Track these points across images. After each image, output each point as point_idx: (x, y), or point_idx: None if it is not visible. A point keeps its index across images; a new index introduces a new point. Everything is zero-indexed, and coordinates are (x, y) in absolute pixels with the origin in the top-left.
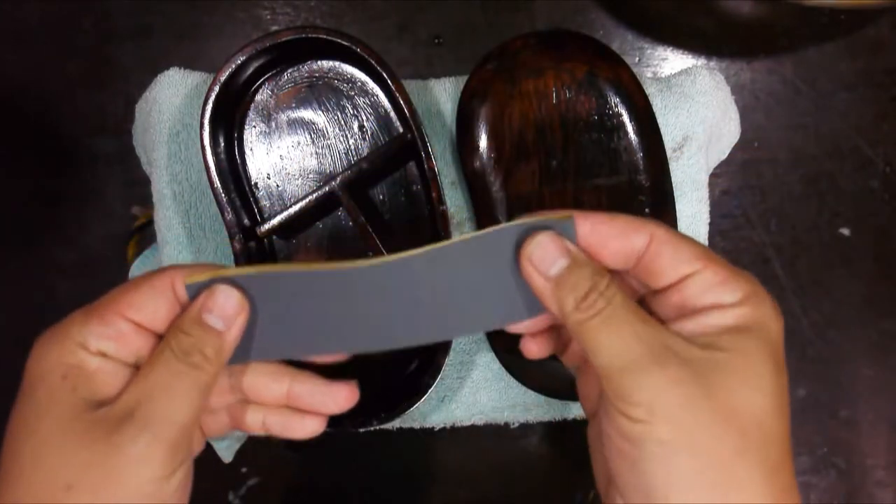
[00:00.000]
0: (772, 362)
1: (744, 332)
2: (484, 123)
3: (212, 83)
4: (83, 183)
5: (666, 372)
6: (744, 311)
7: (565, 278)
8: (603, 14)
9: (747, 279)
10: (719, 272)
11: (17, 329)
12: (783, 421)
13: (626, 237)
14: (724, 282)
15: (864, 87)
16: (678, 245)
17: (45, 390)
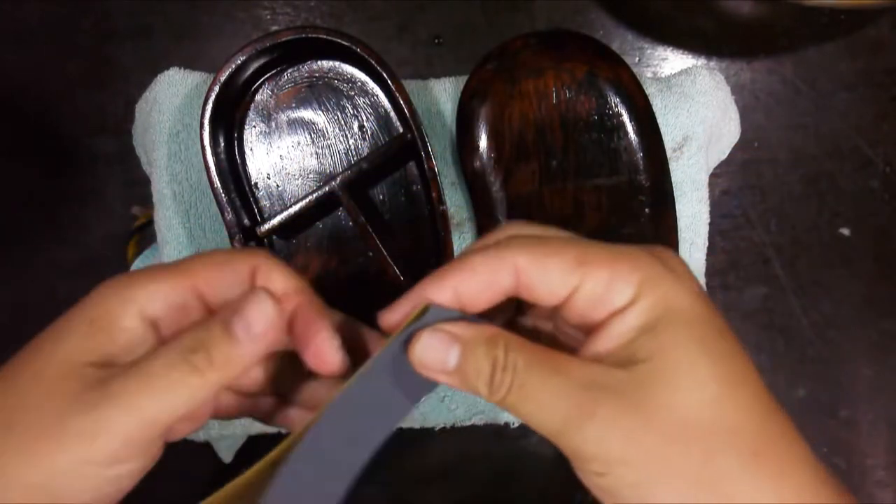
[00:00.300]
0: (697, 344)
1: (653, 328)
2: (484, 123)
3: (212, 83)
4: (83, 183)
5: (597, 418)
6: (643, 306)
7: (465, 368)
8: (603, 14)
9: (632, 263)
10: (598, 275)
11: (17, 329)
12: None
13: (491, 285)
14: (609, 284)
15: (864, 87)
16: (544, 264)
17: (63, 328)
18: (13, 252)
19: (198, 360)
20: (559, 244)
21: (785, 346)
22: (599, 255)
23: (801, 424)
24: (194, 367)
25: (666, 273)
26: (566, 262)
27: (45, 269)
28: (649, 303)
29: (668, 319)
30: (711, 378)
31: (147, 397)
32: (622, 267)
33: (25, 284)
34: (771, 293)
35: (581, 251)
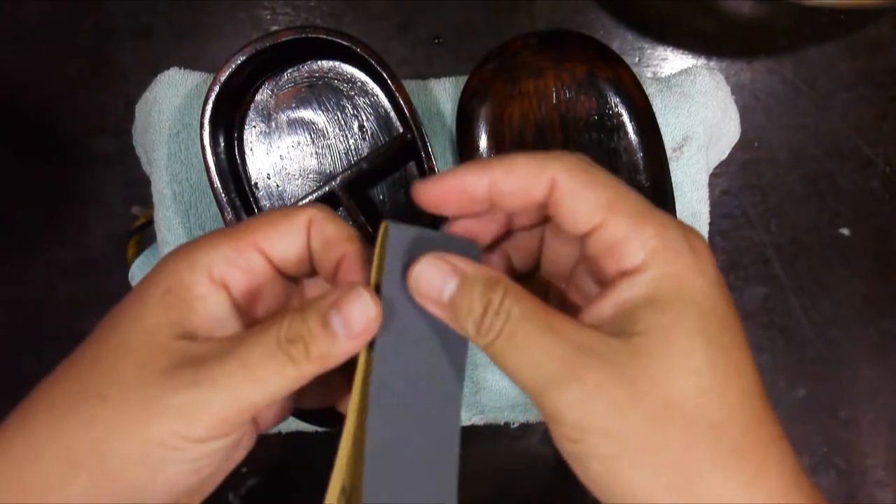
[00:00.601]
0: (699, 331)
1: (658, 303)
2: (484, 123)
3: (212, 83)
4: (83, 183)
5: (584, 383)
6: (653, 275)
7: (458, 302)
8: (603, 14)
9: (657, 229)
10: (621, 224)
11: (17, 329)
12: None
13: (526, 189)
14: (627, 238)
15: (864, 87)
16: (577, 190)
17: (141, 299)
18: (13, 252)
19: (296, 352)
20: (602, 180)
21: (785, 346)
22: (631, 207)
23: (801, 424)
24: (291, 359)
25: (686, 251)
26: (598, 198)
27: (45, 269)
28: (660, 273)
29: (676, 297)
30: (706, 367)
31: (246, 383)
32: (645, 227)
33: (25, 284)
34: (771, 293)
35: (618, 196)
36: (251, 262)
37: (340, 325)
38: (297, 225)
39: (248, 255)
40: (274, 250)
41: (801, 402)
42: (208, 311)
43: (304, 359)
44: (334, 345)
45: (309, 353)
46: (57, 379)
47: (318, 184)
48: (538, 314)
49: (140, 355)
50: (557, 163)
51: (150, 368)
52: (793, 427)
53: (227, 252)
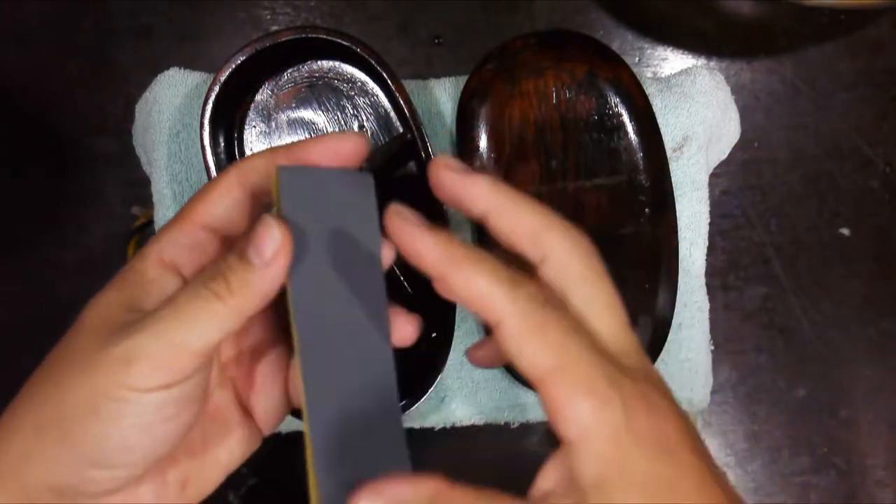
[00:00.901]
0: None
1: (604, 491)
2: (484, 123)
3: (212, 83)
4: (83, 183)
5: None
6: (594, 454)
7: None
8: (603, 14)
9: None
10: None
11: (17, 328)
12: None
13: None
14: (563, 408)
15: (864, 87)
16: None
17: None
18: (13, 252)
19: (217, 286)
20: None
21: (785, 346)
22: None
23: (801, 424)
24: (214, 293)
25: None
26: (538, 360)
27: (45, 269)
28: (598, 454)
29: (623, 485)
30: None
31: (173, 322)
32: (582, 402)
33: (25, 284)
34: (771, 293)
35: (562, 362)
36: (196, 239)
37: (253, 254)
38: (225, 185)
39: (191, 232)
40: (214, 219)
41: (801, 402)
42: (161, 291)
43: (227, 292)
44: (251, 273)
45: (230, 286)
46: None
47: None
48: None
49: (92, 327)
50: (509, 306)
51: (96, 336)
52: (793, 427)
53: (171, 235)
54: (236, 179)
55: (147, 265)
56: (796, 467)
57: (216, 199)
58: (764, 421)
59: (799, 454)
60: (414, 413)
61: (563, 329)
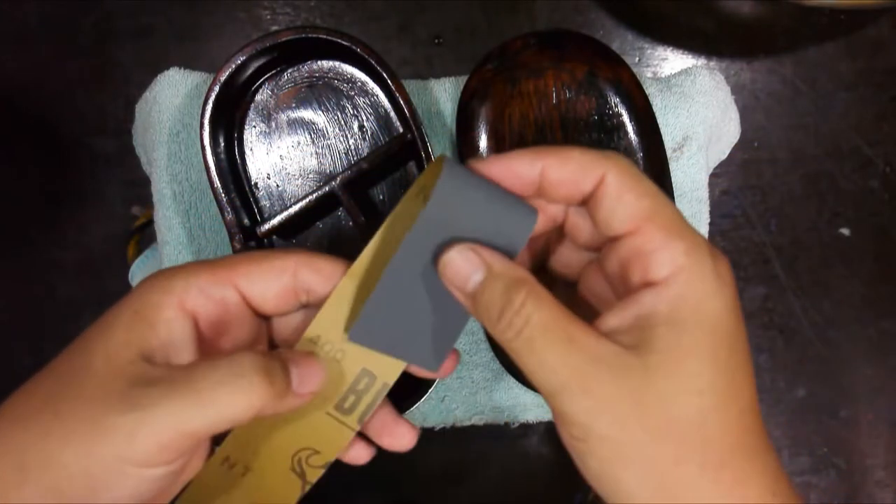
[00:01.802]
0: (710, 355)
1: (677, 323)
2: (484, 123)
3: (212, 83)
4: (83, 183)
5: (594, 395)
6: (676, 293)
7: (480, 295)
8: (603, 14)
9: (688, 247)
10: (655, 235)
11: (17, 328)
12: (727, 411)
13: (575, 182)
14: (657, 250)
15: (864, 87)
16: (623, 195)
17: (111, 317)
18: (13, 252)
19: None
20: (646, 188)
21: (785, 346)
22: (668, 220)
23: (801, 424)
24: (241, 389)
25: (711, 274)
26: (640, 204)
27: (45, 269)
28: (682, 292)
29: (694, 320)
30: (710, 389)
31: (189, 407)
32: (677, 243)
33: (25, 284)
34: (771, 293)
35: (658, 207)
36: (225, 296)
37: (297, 382)
38: (281, 267)
39: (224, 288)
40: (252, 289)
41: (801, 402)
42: (170, 335)
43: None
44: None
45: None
46: (27, 389)
47: (318, 184)
48: (558, 323)
49: (98, 375)
50: (610, 161)
51: (105, 388)
52: (793, 427)
53: (202, 282)
54: (293, 269)
55: (166, 302)
56: (796, 467)
57: (265, 275)
58: (764, 421)
59: (799, 454)
60: (414, 413)
61: (652, 185)
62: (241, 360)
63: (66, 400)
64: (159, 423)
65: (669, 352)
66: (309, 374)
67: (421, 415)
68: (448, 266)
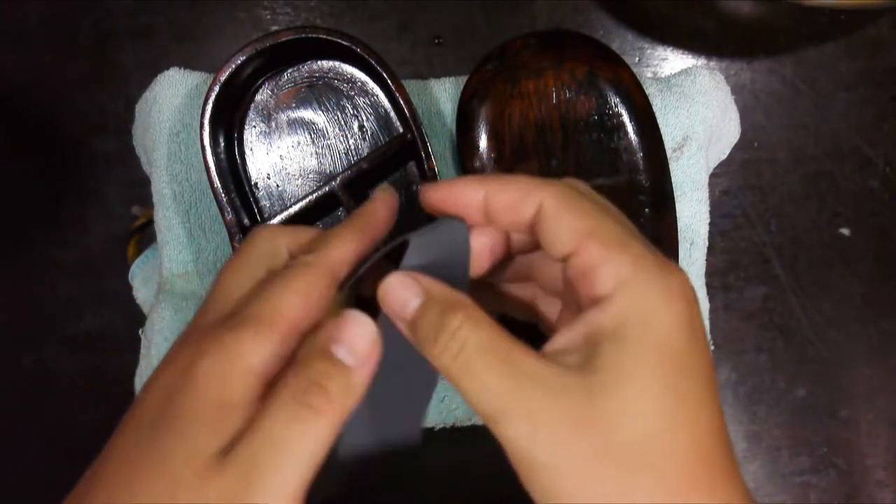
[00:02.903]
0: (657, 374)
1: (621, 339)
2: (484, 123)
3: (212, 83)
4: (83, 183)
5: (532, 419)
6: (620, 307)
7: (417, 320)
8: (603, 14)
9: (631, 257)
10: (595, 251)
11: (17, 329)
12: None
13: (516, 208)
14: (599, 265)
15: (864, 87)
16: (560, 217)
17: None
18: (13, 252)
19: (315, 400)
20: (587, 208)
21: (785, 346)
22: (609, 236)
23: (801, 424)
24: (316, 410)
25: (659, 286)
26: (578, 223)
27: (45, 269)
28: (627, 306)
29: (639, 335)
30: (657, 412)
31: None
32: (620, 256)
33: (25, 284)
34: (771, 293)
35: (599, 224)
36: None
37: (345, 353)
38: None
39: (286, 342)
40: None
41: (801, 402)
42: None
43: (327, 403)
44: (348, 375)
45: (329, 396)
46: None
47: (318, 184)
48: (495, 344)
49: (191, 485)
50: (549, 187)
51: (204, 497)
52: (793, 427)
53: (275, 349)
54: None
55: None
56: (796, 467)
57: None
58: (764, 421)
59: (799, 454)
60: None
61: (594, 204)
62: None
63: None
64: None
65: (612, 370)
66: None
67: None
68: (388, 293)
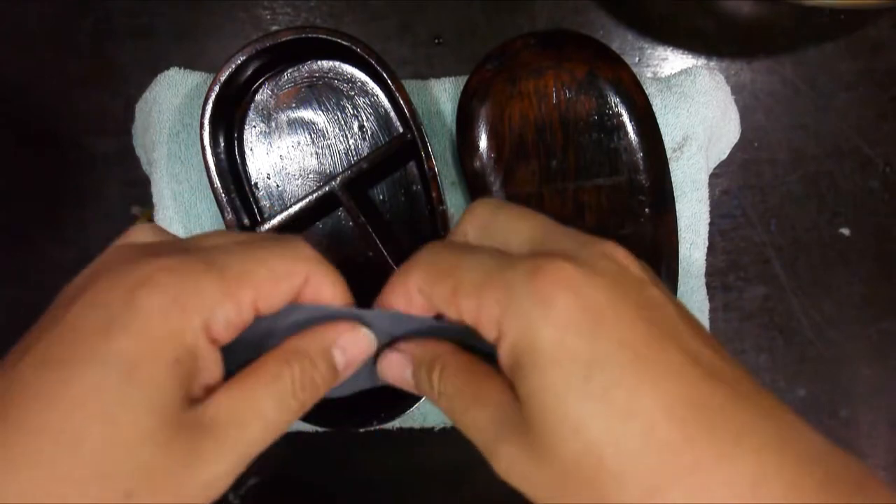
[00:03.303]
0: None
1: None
2: (484, 123)
3: (212, 83)
4: (83, 183)
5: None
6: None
7: (417, 383)
8: (603, 14)
9: (497, 294)
10: (468, 307)
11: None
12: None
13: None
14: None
15: (864, 87)
16: (431, 293)
17: (150, 373)
18: (13, 252)
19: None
20: (442, 268)
21: (785, 346)
22: (472, 283)
23: None
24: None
25: (529, 305)
26: (445, 292)
27: (45, 269)
28: (513, 339)
29: (533, 359)
30: (585, 422)
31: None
32: (487, 299)
33: (25, 284)
34: (771, 293)
35: (459, 280)
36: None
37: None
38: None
39: (247, 311)
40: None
41: (801, 402)
42: (209, 372)
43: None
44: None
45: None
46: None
47: (318, 184)
48: (467, 386)
49: (155, 438)
50: (413, 272)
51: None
52: None
53: (227, 312)
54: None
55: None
56: None
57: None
58: None
59: None
60: (414, 413)
61: (451, 254)
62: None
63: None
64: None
65: (529, 400)
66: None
67: (421, 415)
68: (387, 371)
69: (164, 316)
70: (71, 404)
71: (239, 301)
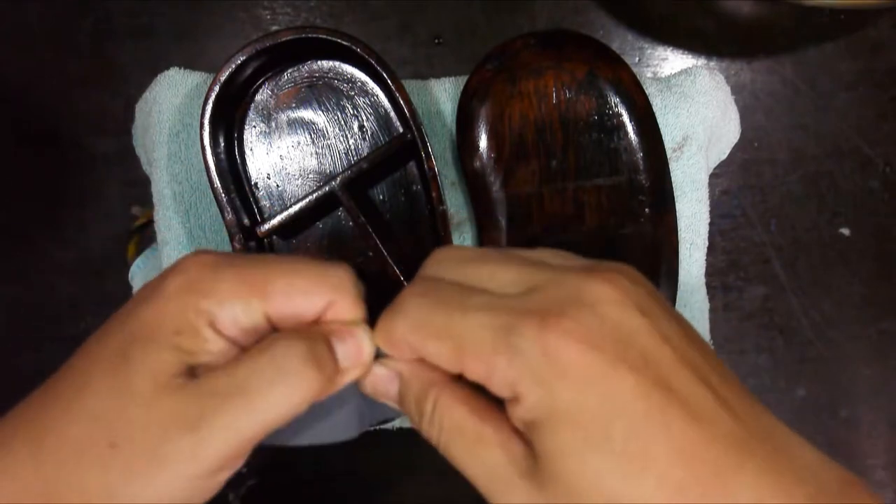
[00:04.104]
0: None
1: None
2: (484, 123)
3: (212, 83)
4: (83, 183)
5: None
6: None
7: (403, 403)
8: (603, 14)
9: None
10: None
11: (16, 329)
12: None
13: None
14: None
15: (864, 87)
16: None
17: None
18: (13, 252)
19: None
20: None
21: (785, 346)
22: (477, 346)
23: (801, 424)
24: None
25: (546, 369)
26: (445, 352)
27: (45, 269)
28: (531, 403)
29: (554, 422)
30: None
31: (245, 416)
32: (499, 364)
33: (25, 284)
34: (771, 293)
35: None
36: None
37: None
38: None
39: (255, 315)
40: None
41: (801, 402)
42: (212, 355)
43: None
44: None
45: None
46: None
47: (318, 184)
48: (468, 424)
49: (146, 398)
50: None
51: (156, 412)
52: (793, 427)
53: (234, 308)
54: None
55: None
56: None
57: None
58: None
59: None
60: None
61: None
62: (286, 352)
63: (119, 428)
64: (219, 439)
65: (549, 456)
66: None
67: None
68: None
69: (176, 293)
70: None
71: (248, 301)
